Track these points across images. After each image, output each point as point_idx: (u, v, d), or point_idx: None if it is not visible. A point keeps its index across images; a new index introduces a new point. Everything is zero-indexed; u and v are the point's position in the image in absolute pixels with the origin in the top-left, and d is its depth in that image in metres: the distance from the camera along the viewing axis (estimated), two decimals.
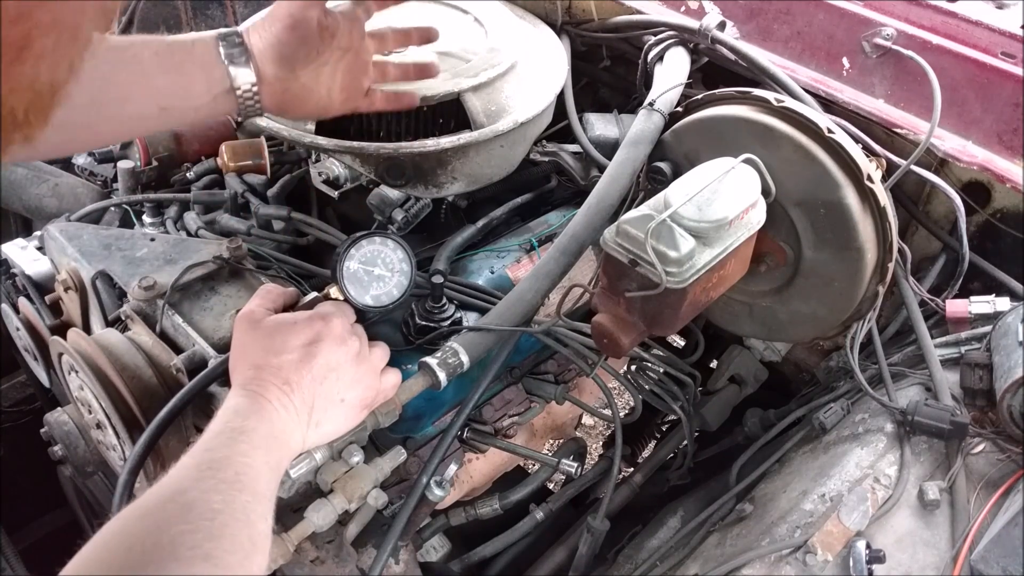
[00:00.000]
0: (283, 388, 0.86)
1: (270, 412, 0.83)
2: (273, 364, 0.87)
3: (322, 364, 0.90)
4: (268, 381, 0.85)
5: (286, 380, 0.86)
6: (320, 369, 0.89)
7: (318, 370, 0.89)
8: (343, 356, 0.92)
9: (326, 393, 0.90)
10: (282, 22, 1.01)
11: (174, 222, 1.47)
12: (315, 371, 0.89)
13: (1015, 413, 1.03)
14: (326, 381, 0.90)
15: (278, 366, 0.87)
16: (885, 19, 1.34)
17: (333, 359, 0.91)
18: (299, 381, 0.87)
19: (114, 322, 1.23)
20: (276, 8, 1.03)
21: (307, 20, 1.01)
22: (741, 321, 1.32)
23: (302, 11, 1.01)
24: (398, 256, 1.06)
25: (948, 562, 0.95)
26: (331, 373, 0.91)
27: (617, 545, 1.32)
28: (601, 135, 1.46)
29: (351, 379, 0.93)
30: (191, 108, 1.00)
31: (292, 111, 1.09)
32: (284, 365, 0.87)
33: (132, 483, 0.96)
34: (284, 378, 0.86)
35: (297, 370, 0.88)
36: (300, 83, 1.04)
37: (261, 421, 0.82)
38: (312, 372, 0.89)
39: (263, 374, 0.86)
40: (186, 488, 0.71)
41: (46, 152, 1.16)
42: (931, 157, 1.23)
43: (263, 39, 1.01)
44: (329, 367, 0.90)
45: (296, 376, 0.87)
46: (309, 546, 1.05)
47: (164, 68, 0.95)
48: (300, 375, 0.87)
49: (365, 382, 0.95)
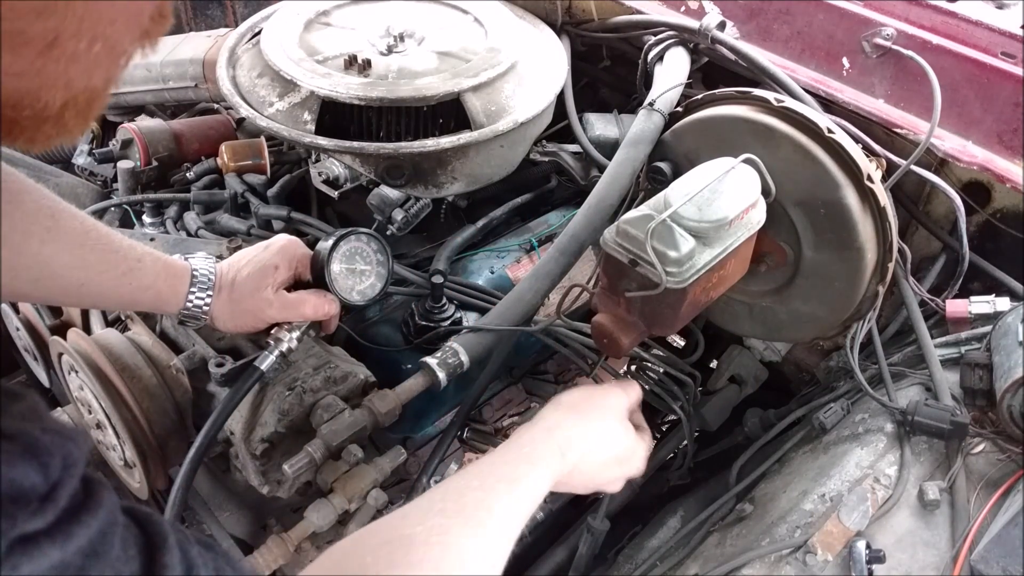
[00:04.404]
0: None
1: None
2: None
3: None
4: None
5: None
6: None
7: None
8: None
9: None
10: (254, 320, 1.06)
11: (174, 222, 1.47)
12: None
13: (1015, 413, 1.03)
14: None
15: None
16: (885, 19, 1.34)
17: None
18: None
19: (114, 322, 1.23)
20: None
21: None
22: (741, 321, 1.32)
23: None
24: (372, 248, 1.10)
25: (948, 562, 0.95)
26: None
27: (617, 545, 1.32)
28: (601, 135, 1.46)
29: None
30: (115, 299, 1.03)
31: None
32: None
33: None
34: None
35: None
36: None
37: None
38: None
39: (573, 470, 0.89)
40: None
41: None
42: (931, 157, 1.23)
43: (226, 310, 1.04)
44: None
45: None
46: (309, 546, 1.05)
47: (117, 272, 0.97)
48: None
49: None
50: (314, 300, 1.06)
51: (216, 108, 1.76)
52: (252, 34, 1.54)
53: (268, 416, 1.04)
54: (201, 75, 1.72)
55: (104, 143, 1.69)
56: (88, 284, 0.95)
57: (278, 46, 1.41)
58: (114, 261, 0.96)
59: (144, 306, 1.09)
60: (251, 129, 1.58)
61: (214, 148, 1.49)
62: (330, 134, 1.31)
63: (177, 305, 1.02)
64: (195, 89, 1.74)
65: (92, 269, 0.95)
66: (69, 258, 0.93)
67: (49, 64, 0.42)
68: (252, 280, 1.03)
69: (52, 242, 0.91)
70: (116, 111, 1.83)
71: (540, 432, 0.88)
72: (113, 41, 0.45)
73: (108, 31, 0.44)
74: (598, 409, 0.94)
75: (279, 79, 1.37)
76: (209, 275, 1.03)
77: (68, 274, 0.94)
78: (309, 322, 1.07)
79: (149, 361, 1.10)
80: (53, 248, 0.91)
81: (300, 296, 1.06)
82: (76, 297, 1.04)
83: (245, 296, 1.03)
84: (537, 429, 0.89)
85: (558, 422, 0.90)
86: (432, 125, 1.35)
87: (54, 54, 0.42)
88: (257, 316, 1.05)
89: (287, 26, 1.47)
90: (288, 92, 1.36)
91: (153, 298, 1.01)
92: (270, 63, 1.38)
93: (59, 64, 0.43)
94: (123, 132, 1.55)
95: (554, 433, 0.88)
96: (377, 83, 1.33)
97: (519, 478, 0.81)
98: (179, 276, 1.01)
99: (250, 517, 1.18)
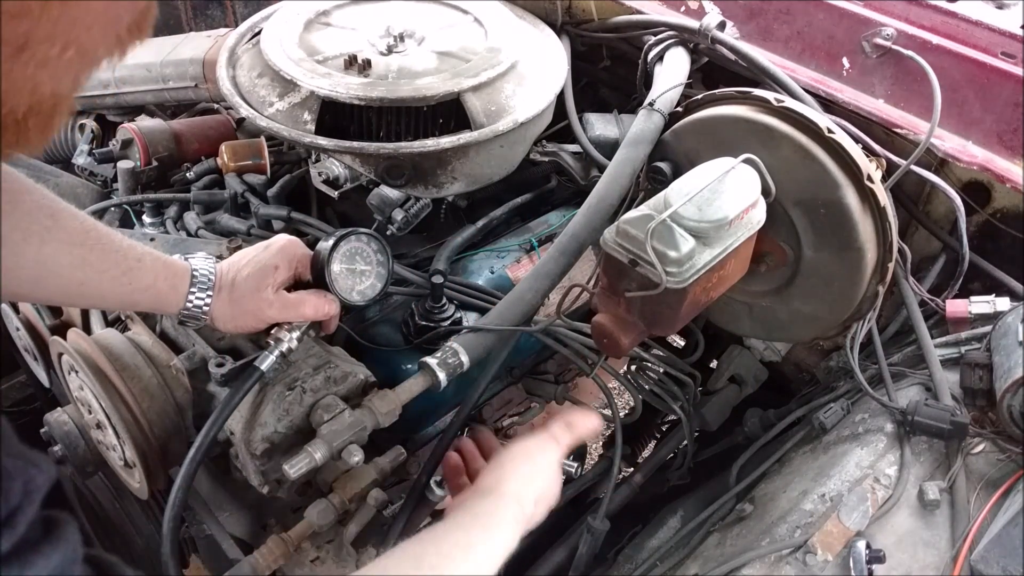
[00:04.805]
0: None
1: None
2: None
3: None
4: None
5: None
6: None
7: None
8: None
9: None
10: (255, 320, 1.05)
11: (174, 222, 1.47)
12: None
13: (1015, 413, 1.03)
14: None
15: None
16: (885, 19, 1.34)
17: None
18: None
19: (114, 322, 1.23)
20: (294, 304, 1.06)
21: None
22: (741, 321, 1.32)
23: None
24: (373, 248, 1.10)
25: (948, 562, 0.95)
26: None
27: (617, 545, 1.32)
28: (601, 135, 1.46)
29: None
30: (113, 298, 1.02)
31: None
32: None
33: (178, 529, 1.01)
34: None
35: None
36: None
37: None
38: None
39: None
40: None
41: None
42: (931, 157, 1.23)
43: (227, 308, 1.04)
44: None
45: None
46: (309, 546, 1.05)
47: (119, 270, 0.97)
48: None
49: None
50: (314, 300, 1.06)
51: (216, 108, 1.76)
52: (252, 34, 1.54)
53: (268, 416, 1.04)
54: (201, 75, 1.72)
55: (104, 143, 1.69)
56: (88, 284, 0.95)
57: (278, 46, 1.41)
58: (114, 261, 0.96)
59: (144, 306, 1.09)
60: (251, 129, 1.58)
61: (214, 148, 1.49)
62: (330, 134, 1.31)
63: (177, 305, 1.02)
64: (195, 89, 1.74)
65: (92, 269, 0.94)
66: (69, 258, 0.93)
67: (17, 67, 0.40)
68: (252, 280, 1.03)
69: (52, 242, 0.91)
70: (116, 111, 1.83)
71: (492, 506, 0.90)
72: (87, 48, 0.43)
73: (83, 37, 0.42)
74: (540, 471, 0.97)
75: (279, 79, 1.37)
76: (209, 275, 1.03)
77: (68, 274, 0.93)
78: (309, 322, 1.07)
79: (149, 361, 1.10)
80: (53, 248, 0.91)
81: (300, 296, 1.06)
82: (76, 297, 1.04)
83: (245, 296, 1.03)
84: (489, 502, 0.90)
85: (507, 495, 0.92)
86: (432, 125, 1.35)
87: (23, 57, 0.40)
88: (257, 316, 1.05)
89: (287, 26, 1.47)
90: (288, 92, 1.36)
91: (153, 298, 1.01)
92: (270, 63, 1.38)
93: (27, 68, 0.41)
94: (123, 132, 1.55)
95: (506, 507, 0.90)
96: (377, 83, 1.33)
97: (475, 544, 0.83)
98: (179, 276, 1.01)
99: (250, 517, 1.18)
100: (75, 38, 0.42)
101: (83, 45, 0.42)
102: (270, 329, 1.06)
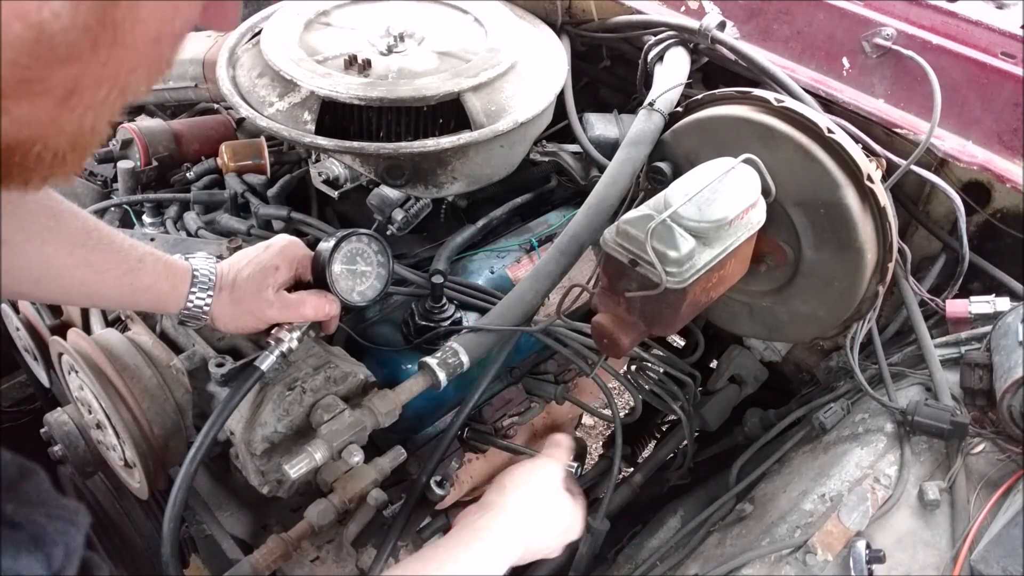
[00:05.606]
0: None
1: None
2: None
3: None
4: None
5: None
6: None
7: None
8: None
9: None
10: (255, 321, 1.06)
11: (174, 222, 1.47)
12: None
13: (1015, 413, 1.03)
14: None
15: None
16: (885, 19, 1.34)
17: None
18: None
19: (114, 322, 1.23)
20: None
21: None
22: (741, 321, 1.32)
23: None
24: (373, 249, 1.10)
25: (948, 562, 0.95)
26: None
27: (617, 545, 1.32)
28: (601, 135, 1.46)
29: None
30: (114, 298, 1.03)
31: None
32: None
33: (178, 529, 1.02)
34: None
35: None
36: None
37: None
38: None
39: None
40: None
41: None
42: (931, 157, 1.23)
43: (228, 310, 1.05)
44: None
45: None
46: (309, 546, 1.05)
47: (120, 271, 0.97)
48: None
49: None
50: (314, 300, 1.06)
51: (216, 108, 1.75)
52: (252, 34, 1.54)
53: (268, 416, 1.04)
54: (201, 75, 1.72)
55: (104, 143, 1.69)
56: (89, 284, 0.95)
57: (278, 46, 1.41)
58: (115, 261, 0.96)
59: (144, 306, 1.09)
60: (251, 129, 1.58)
61: (214, 148, 1.49)
62: (330, 134, 1.31)
63: (177, 305, 1.02)
64: (195, 89, 1.74)
65: (93, 269, 0.95)
66: (70, 258, 0.93)
67: (65, 113, 0.40)
68: (253, 280, 1.03)
69: (53, 242, 0.91)
70: None
71: (491, 520, 0.91)
72: (131, 88, 0.43)
73: (128, 79, 0.42)
74: (541, 486, 0.98)
75: (279, 79, 1.37)
76: (210, 275, 1.03)
77: (69, 274, 0.94)
78: (309, 322, 1.07)
79: (149, 361, 1.10)
80: (54, 248, 0.91)
81: (300, 296, 1.06)
82: (77, 297, 1.04)
83: (246, 296, 1.03)
84: (488, 516, 0.92)
85: (507, 508, 0.93)
86: (432, 125, 1.35)
87: (71, 102, 0.40)
88: (257, 316, 1.05)
89: (287, 26, 1.47)
90: (288, 92, 1.36)
91: (154, 298, 1.01)
92: (270, 63, 1.38)
93: (75, 112, 0.41)
94: (123, 132, 1.55)
95: (505, 520, 0.92)
96: (377, 83, 1.33)
97: (476, 559, 0.85)
98: (180, 276, 1.01)
99: (250, 517, 1.18)
100: (121, 81, 0.42)
101: (127, 86, 0.42)
102: (270, 329, 1.06)
